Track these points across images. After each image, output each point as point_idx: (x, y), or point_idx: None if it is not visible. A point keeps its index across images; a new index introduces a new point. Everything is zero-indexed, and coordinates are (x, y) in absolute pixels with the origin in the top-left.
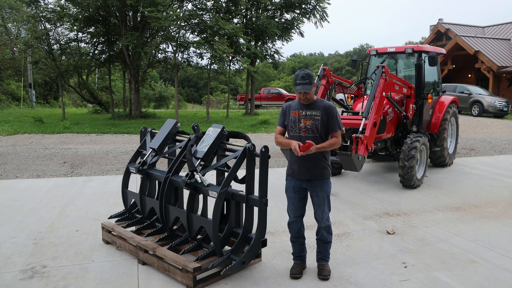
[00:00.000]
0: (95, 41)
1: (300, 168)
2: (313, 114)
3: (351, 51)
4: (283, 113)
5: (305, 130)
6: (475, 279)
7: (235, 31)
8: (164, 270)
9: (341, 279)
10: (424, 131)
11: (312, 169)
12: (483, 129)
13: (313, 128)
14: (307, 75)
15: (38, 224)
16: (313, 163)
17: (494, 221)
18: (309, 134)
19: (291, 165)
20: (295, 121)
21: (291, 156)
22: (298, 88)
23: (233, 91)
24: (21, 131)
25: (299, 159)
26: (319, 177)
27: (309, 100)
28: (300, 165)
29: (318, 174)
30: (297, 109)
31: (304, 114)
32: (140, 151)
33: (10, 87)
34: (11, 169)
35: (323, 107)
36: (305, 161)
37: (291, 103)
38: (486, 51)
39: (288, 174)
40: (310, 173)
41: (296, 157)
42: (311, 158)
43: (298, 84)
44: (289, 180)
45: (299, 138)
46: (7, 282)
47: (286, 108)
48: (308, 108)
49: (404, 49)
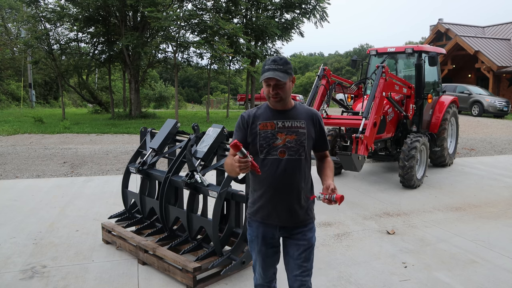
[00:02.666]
0: (95, 41)
1: (274, 208)
2: (296, 126)
3: (351, 51)
4: (242, 124)
5: (285, 149)
6: (475, 279)
7: (235, 31)
8: (164, 270)
9: (341, 279)
10: (424, 131)
11: (294, 209)
12: (483, 129)
13: (297, 146)
14: (281, 60)
15: (38, 224)
16: (295, 198)
17: (494, 221)
18: (291, 155)
19: (255, 202)
20: (267, 136)
21: (257, 184)
22: (265, 75)
23: (233, 91)
24: (21, 131)
25: (271, 192)
26: (301, 221)
27: (283, 102)
28: (275, 202)
29: (302, 218)
30: (268, 118)
31: (281, 126)
32: (140, 151)
33: (10, 87)
34: (11, 169)
35: (309, 115)
36: (281, 196)
37: (254, 110)
38: (486, 51)
39: (251, 217)
40: (290, 216)
41: (266, 187)
42: (291, 190)
43: (267, 69)
44: (255, 228)
45: (277, 163)
46: (7, 282)
47: (248, 118)
48: (286, 116)
49: (404, 49)
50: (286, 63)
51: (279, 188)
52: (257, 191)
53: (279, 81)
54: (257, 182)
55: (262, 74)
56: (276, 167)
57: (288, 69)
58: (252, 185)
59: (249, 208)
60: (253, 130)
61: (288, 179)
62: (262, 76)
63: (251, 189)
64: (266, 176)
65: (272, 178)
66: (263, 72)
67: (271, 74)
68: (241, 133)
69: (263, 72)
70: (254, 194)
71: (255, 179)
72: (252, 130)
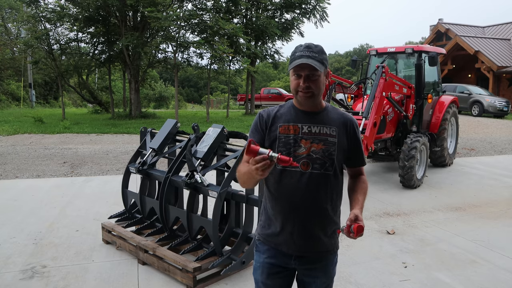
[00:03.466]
0: (95, 41)
1: (290, 233)
2: (325, 133)
3: (351, 51)
4: (260, 125)
5: (309, 161)
6: (475, 279)
7: (235, 31)
8: (164, 270)
9: (341, 279)
10: (424, 131)
11: (315, 236)
12: (483, 129)
13: (325, 158)
14: (317, 48)
15: (38, 224)
16: (317, 222)
17: (494, 221)
18: (316, 169)
19: (268, 222)
20: (289, 142)
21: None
22: (297, 62)
23: (233, 91)
24: (21, 131)
25: (288, 213)
26: (325, 252)
27: (314, 99)
28: (292, 226)
29: (325, 247)
30: (292, 120)
31: (306, 131)
32: (140, 151)
33: (10, 87)
34: (11, 169)
35: (343, 121)
36: (301, 218)
37: (275, 108)
38: (486, 51)
39: (260, 239)
40: (310, 244)
41: (283, 206)
42: (314, 212)
43: (299, 56)
44: (264, 253)
45: (298, 176)
46: (7, 282)
47: (268, 118)
48: (314, 119)
49: (404, 49)
50: (322, 52)
51: (299, 209)
52: (271, 209)
53: (314, 70)
54: (272, 199)
55: (291, 62)
56: (297, 182)
57: (324, 60)
58: (265, 201)
59: (260, 228)
60: (272, 133)
61: (310, 198)
62: (291, 64)
63: (264, 205)
64: (284, 192)
65: (291, 196)
66: (292, 60)
67: (305, 60)
68: (258, 135)
69: (292, 59)
70: (267, 213)
71: (270, 195)
72: (271, 133)
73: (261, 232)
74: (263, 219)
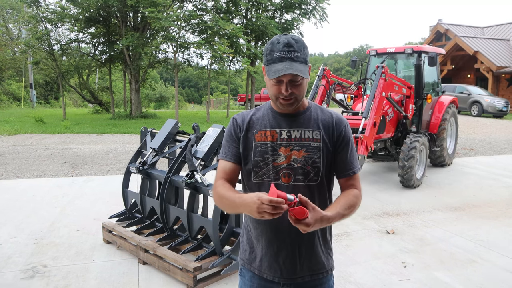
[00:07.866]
0: (95, 41)
1: (275, 257)
2: (307, 138)
3: (351, 51)
4: (234, 132)
5: (290, 171)
6: (474, 278)
7: (235, 31)
8: (165, 269)
9: (341, 278)
10: (424, 131)
11: (304, 258)
12: (483, 129)
13: (308, 167)
14: (298, 44)
15: (39, 223)
16: (305, 242)
17: (494, 221)
18: (299, 180)
19: (250, 245)
20: (266, 151)
21: (252, 222)
22: (277, 69)
23: (233, 91)
24: (22, 131)
25: (271, 233)
26: (317, 274)
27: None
28: (276, 248)
29: (316, 269)
30: (269, 125)
31: (286, 137)
32: (141, 151)
33: (11, 87)
34: (12, 169)
35: (328, 121)
36: (285, 239)
37: (251, 111)
38: (485, 51)
39: (243, 264)
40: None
41: (264, 226)
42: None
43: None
44: (248, 281)
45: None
46: (8, 281)
47: (242, 122)
48: (294, 122)
49: (404, 50)
50: (304, 47)
51: (282, 228)
52: (252, 230)
53: (296, 76)
54: (252, 219)
55: (267, 63)
56: None
57: (307, 56)
58: (246, 220)
59: (242, 252)
60: (247, 141)
61: None
62: (268, 69)
63: (245, 225)
64: None
65: None
66: (269, 62)
67: (287, 67)
68: (233, 147)
69: (269, 61)
70: (248, 234)
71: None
72: (246, 141)
73: (243, 256)
74: (244, 241)
